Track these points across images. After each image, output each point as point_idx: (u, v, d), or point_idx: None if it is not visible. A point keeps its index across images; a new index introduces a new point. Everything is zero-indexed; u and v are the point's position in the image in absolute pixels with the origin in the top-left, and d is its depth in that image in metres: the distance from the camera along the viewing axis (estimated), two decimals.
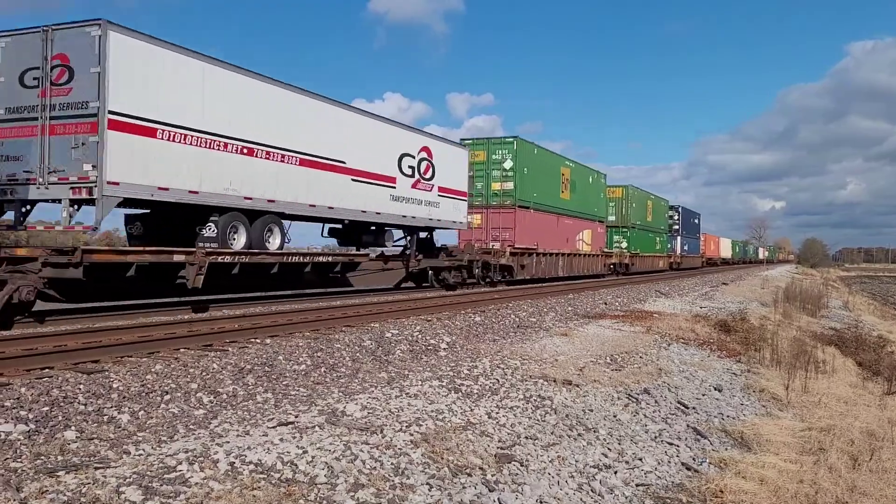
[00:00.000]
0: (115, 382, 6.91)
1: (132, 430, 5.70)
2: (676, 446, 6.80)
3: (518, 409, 7.00)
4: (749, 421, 8.18)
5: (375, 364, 9.01)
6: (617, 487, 5.53)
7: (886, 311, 36.19)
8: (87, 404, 6.19)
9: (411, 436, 5.67)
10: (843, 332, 19.02)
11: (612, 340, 12.27)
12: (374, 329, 11.50)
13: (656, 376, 9.62)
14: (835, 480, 6.15)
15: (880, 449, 7.33)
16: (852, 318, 26.52)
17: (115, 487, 4.13)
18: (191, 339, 9.54)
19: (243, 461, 4.72)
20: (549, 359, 9.74)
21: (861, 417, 8.85)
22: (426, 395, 7.06)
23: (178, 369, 7.70)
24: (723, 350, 12.97)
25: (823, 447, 7.18)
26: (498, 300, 18.36)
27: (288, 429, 5.57)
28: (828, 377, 11.57)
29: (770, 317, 20.12)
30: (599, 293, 23.32)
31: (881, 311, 35.40)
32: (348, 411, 6.21)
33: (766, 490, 5.77)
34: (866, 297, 46.87)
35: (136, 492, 4.09)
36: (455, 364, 8.85)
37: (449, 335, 11.51)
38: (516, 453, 5.73)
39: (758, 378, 10.68)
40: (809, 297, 28.84)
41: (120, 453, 4.89)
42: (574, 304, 18.67)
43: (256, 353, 8.81)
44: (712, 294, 27.37)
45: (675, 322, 15.73)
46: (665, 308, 19.49)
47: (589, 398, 7.85)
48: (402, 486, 4.72)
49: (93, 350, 8.34)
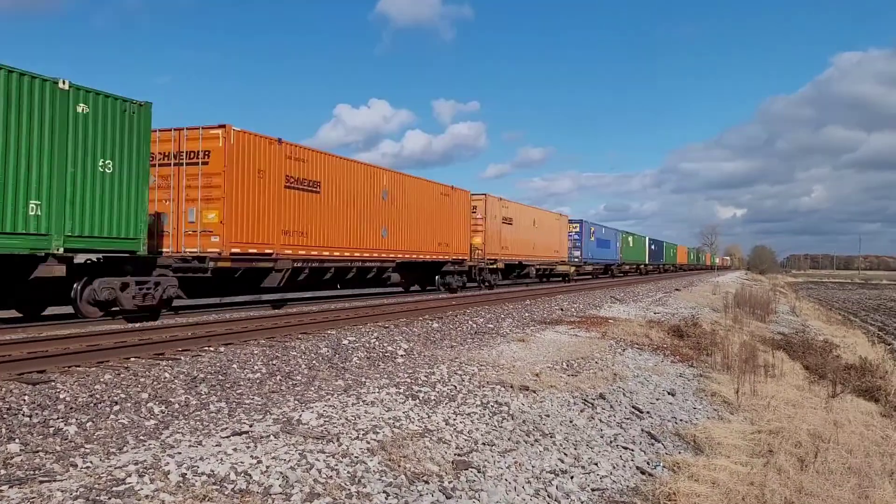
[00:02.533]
0: (62, 393, 6.71)
1: (79, 441, 5.53)
2: (631, 450, 6.90)
3: (475, 415, 7.01)
4: (701, 424, 8.34)
5: (332, 372, 8.93)
6: (573, 492, 5.57)
7: (831, 315, 37.32)
8: (31, 416, 5.99)
9: (368, 444, 5.63)
10: (791, 337, 19.57)
11: (568, 346, 12.38)
12: (331, 336, 11.41)
13: (612, 381, 9.74)
14: (783, 482, 6.31)
15: (826, 450, 7.54)
16: (799, 323, 27.30)
17: (60, 501, 4.01)
18: (142, 348, 9.33)
19: (195, 472, 4.62)
20: (506, 365, 9.78)
21: (808, 420, 9.10)
22: (383, 403, 7.02)
23: (129, 379, 7.51)
24: (676, 355, 13.20)
25: (772, 449, 7.36)
26: (455, 306, 18.40)
27: (242, 438, 5.48)
28: (776, 381, 11.87)
29: (721, 322, 20.57)
30: (556, 299, 23.53)
31: (826, 315, 36.50)
32: (304, 419, 6.14)
33: (717, 492, 5.88)
34: (812, 303, 48.31)
35: None
36: (412, 371, 8.83)
37: (406, 342, 11.48)
38: (473, 460, 5.74)
39: (709, 382, 10.90)
40: (759, 302, 29.57)
41: (66, 466, 4.74)
42: (531, 311, 18.80)
43: (210, 362, 8.66)
44: (666, 300, 27.86)
45: (629, 327, 15.96)
46: (620, 314, 19.76)
47: (546, 404, 7.91)
48: (358, 494, 4.68)
49: (38, 360, 8.08)
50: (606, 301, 24.27)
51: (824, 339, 20.47)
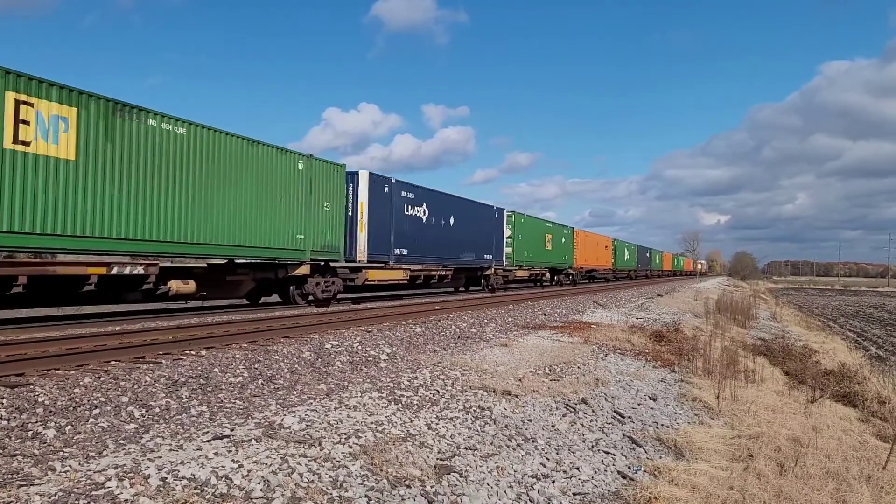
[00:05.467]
0: (41, 396, 6.64)
1: (58, 445, 5.47)
2: (613, 455, 6.92)
3: (458, 419, 7.02)
4: (682, 429, 8.38)
5: (314, 376, 8.90)
6: (555, 497, 5.59)
7: (811, 321, 37.71)
8: (9, 419, 5.92)
9: (350, 448, 5.61)
10: (772, 343, 19.73)
11: (550, 351, 12.42)
12: (314, 340, 11.37)
13: (594, 386, 9.78)
14: (762, 486, 6.36)
15: (805, 455, 7.61)
16: (780, 329, 27.54)
17: None
18: (122, 352, 9.25)
19: (176, 476, 4.59)
20: (489, 369, 9.79)
21: (787, 425, 9.18)
22: (366, 407, 7.01)
23: (109, 382, 7.44)
24: (658, 360, 13.27)
25: (752, 454, 7.42)
26: (439, 311, 18.40)
27: (223, 442, 5.45)
28: (756, 386, 11.97)
29: (703, 327, 20.72)
30: (539, 304, 23.60)
31: (806, 321, 36.86)
32: (286, 424, 6.12)
33: (697, 497, 5.92)
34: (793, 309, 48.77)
35: None
36: (395, 375, 8.82)
37: (389, 346, 11.46)
38: (456, 464, 5.74)
39: (691, 387, 10.96)
40: (740, 308, 29.82)
41: (45, 470, 4.70)
42: (514, 315, 18.85)
43: (191, 366, 8.60)
44: (648, 305, 28.02)
45: (612, 333, 16.04)
46: (603, 319, 19.85)
47: (528, 408, 7.93)
48: (340, 499, 4.66)
49: (17, 363, 7.99)
50: (589, 306, 24.37)
51: (804, 345, 20.69)
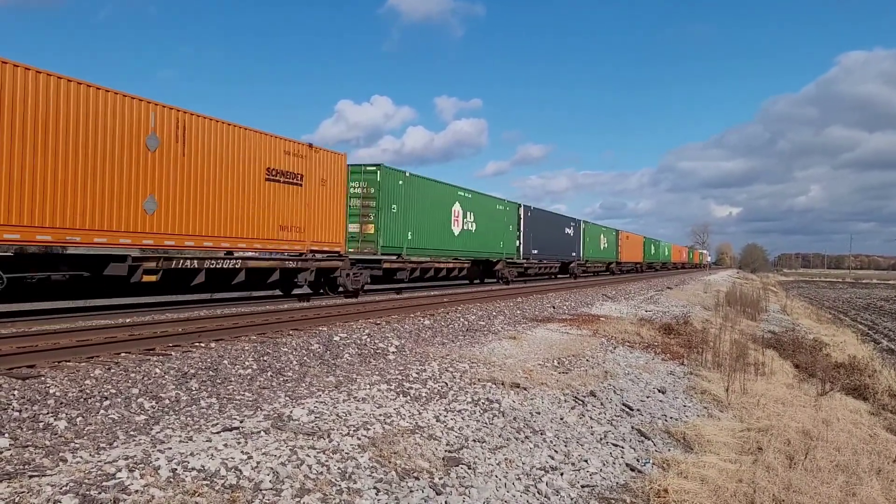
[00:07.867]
0: (52, 388, 6.69)
1: (69, 436, 5.51)
2: (621, 448, 6.92)
3: (466, 412, 7.03)
4: (691, 422, 8.37)
5: (323, 368, 8.93)
6: (563, 489, 5.59)
7: (822, 314, 37.50)
8: (21, 410, 5.97)
9: (359, 440, 5.63)
10: (781, 336, 19.68)
11: (559, 344, 12.41)
12: (323, 333, 11.40)
13: (602, 379, 9.77)
14: (772, 479, 6.34)
15: (814, 448, 7.59)
16: (790, 322, 27.44)
17: (49, 496, 3.99)
18: (132, 343, 9.30)
19: (186, 467, 4.61)
20: (497, 362, 9.79)
21: (797, 418, 9.16)
22: (374, 399, 7.03)
23: (119, 374, 7.49)
24: (667, 353, 13.25)
25: (761, 447, 7.40)
26: (447, 304, 18.41)
27: (232, 434, 5.48)
28: (766, 379, 11.93)
29: (712, 320, 20.66)
30: (548, 297, 23.58)
31: (817, 314, 36.67)
32: (295, 416, 6.14)
33: (706, 489, 5.92)
34: (803, 302, 48.53)
35: (72, 500, 3.96)
36: (404, 368, 8.83)
37: (398, 339, 11.48)
38: (464, 456, 5.75)
39: (700, 380, 10.95)
40: (749, 301, 29.72)
41: (56, 461, 4.73)
42: (523, 308, 18.84)
43: (201, 358, 8.64)
44: (657, 298, 27.95)
45: (621, 325, 16.01)
46: (612, 312, 19.82)
47: (536, 401, 7.93)
48: (349, 490, 4.68)
49: (28, 354, 8.06)
50: (598, 299, 24.33)
51: (814, 338, 20.61)
